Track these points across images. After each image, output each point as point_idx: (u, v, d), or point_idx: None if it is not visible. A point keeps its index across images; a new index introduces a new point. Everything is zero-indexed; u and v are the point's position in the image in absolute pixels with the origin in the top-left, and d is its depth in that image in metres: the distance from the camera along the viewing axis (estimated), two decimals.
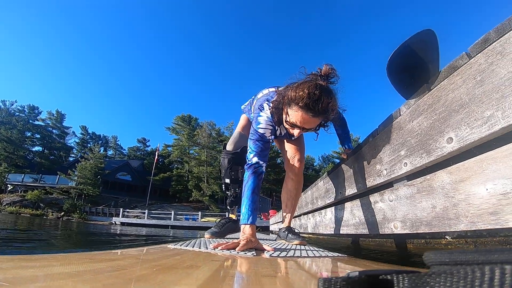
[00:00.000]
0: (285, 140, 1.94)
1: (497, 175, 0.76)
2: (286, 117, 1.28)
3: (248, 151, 1.45)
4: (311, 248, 1.37)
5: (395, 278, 0.25)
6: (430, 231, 1.02)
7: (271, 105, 1.40)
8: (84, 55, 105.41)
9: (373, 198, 1.50)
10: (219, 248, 1.07)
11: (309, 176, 38.46)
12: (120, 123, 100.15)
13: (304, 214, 3.63)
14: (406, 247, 2.20)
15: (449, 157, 0.97)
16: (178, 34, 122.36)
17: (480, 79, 0.85)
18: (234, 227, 1.95)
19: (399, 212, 1.23)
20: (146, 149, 56.25)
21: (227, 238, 1.79)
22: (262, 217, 19.46)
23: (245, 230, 1.26)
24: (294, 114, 1.22)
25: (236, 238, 1.32)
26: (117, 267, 0.59)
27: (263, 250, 1.15)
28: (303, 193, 3.74)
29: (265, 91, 1.60)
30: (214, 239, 1.64)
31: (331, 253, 1.18)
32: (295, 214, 4.17)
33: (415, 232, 1.11)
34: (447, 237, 1.47)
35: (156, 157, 36.84)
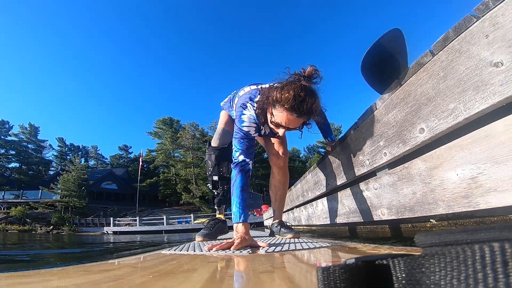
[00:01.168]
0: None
1: (465, 161, 0.85)
2: (271, 118, 1.30)
3: (233, 150, 1.47)
4: (305, 240, 1.41)
5: (391, 263, 0.25)
6: (414, 216, 1.11)
7: (255, 105, 1.42)
8: (51, 63, 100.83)
9: (360, 187, 1.59)
10: (214, 249, 1.06)
11: (296, 167, 38.98)
12: (99, 132, 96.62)
13: (297, 207, 3.73)
14: (401, 231, 2.33)
15: (422, 146, 1.06)
16: (151, 34, 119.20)
17: (443, 75, 0.94)
18: (223, 227, 1.92)
19: (384, 199, 1.33)
20: (129, 156, 55.01)
21: (218, 239, 1.77)
22: (255, 213, 19.61)
23: (238, 228, 1.26)
24: (279, 115, 1.25)
25: (228, 239, 1.31)
26: (114, 277, 0.58)
27: (258, 247, 1.16)
28: (293, 186, 3.84)
29: (247, 89, 1.60)
30: (206, 242, 1.62)
31: (325, 243, 1.21)
32: (288, 207, 4.27)
33: (400, 217, 1.21)
34: (432, 220, 1.59)
35: (141, 163, 36.10)
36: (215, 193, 1.98)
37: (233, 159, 1.46)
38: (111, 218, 24.30)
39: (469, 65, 0.84)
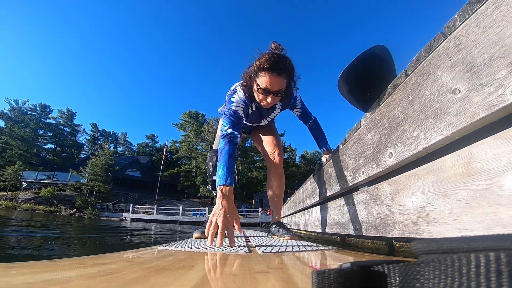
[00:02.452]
0: (262, 138, 2.04)
1: (419, 190, 0.86)
2: (257, 88, 1.41)
3: (222, 125, 1.56)
4: (303, 243, 1.40)
5: (386, 268, 0.25)
6: (377, 235, 1.12)
7: (242, 87, 1.54)
8: (92, 54, 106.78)
9: (343, 201, 1.60)
10: (208, 239, 1.14)
11: (315, 170, 38.39)
12: (129, 120, 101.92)
13: (298, 211, 3.75)
14: (393, 245, 2.28)
15: (391, 170, 1.06)
16: (185, 33, 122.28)
17: (412, 98, 0.91)
18: None
19: (358, 215, 1.34)
20: (155, 145, 57.09)
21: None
22: (268, 213, 19.69)
23: (224, 190, 1.28)
24: (262, 80, 1.35)
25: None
26: (108, 271, 0.58)
27: (238, 229, 1.28)
28: (296, 191, 3.85)
29: (237, 83, 1.72)
30: (204, 239, 1.67)
31: (322, 246, 1.21)
32: (292, 211, 4.28)
33: (367, 234, 1.22)
34: (394, 242, 1.56)
35: (165, 153, 37.28)
36: (214, 193, 2.06)
37: (221, 131, 1.53)
38: (131, 205, 25.20)
39: (433, 90, 0.80)
